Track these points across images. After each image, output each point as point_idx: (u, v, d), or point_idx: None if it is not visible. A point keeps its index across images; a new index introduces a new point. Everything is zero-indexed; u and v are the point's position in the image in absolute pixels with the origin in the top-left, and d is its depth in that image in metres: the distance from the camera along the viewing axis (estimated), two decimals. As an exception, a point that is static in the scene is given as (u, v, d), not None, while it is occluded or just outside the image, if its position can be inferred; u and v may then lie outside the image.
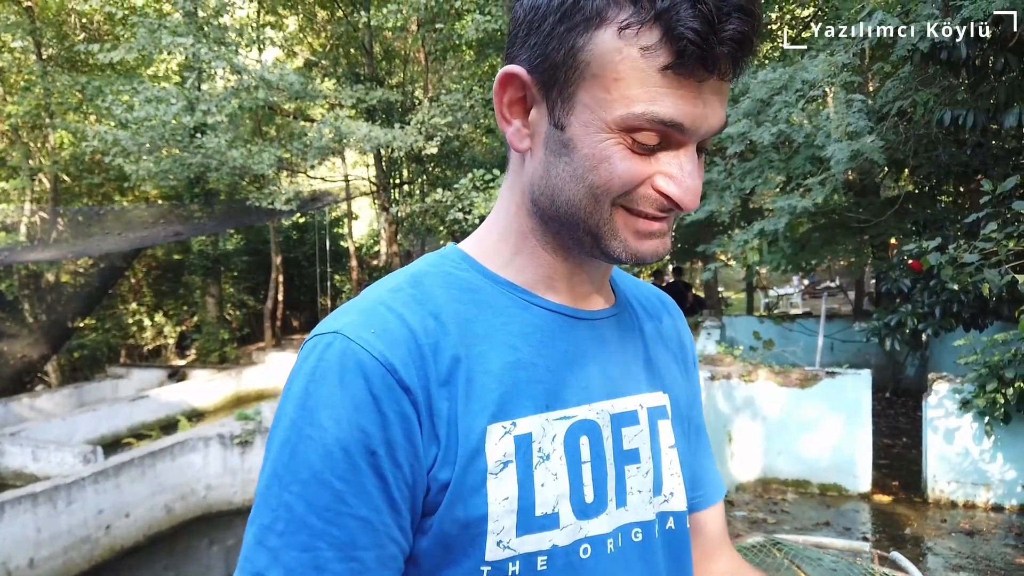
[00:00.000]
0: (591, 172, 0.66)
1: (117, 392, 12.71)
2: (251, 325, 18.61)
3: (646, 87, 0.62)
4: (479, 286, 0.74)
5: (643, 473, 0.78)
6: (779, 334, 10.13)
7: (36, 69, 14.46)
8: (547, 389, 0.72)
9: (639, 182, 0.66)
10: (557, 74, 0.66)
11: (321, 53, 16.88)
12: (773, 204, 6.90)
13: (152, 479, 7.13)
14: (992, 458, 5.90)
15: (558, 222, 0.72)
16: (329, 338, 0.67)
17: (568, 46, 0.65)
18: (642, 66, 0.62)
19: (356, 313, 0.69)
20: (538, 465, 0.69)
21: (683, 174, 0.66)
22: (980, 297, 5.81)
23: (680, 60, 0.61)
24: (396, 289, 0.72)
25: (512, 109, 0.72)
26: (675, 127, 0.63)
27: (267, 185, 12.42)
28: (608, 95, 0.64)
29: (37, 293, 14.38)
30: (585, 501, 0.72)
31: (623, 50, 0.62)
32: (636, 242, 0.69)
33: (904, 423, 8.44)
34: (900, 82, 6.99)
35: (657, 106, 0.62)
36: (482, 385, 0.69)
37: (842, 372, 6.42)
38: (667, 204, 0.67)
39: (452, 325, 0.70)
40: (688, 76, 0.62)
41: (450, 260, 0.77)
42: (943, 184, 8.77)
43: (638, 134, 0.64)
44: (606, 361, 0.78)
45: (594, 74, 0.64)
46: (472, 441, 0.67)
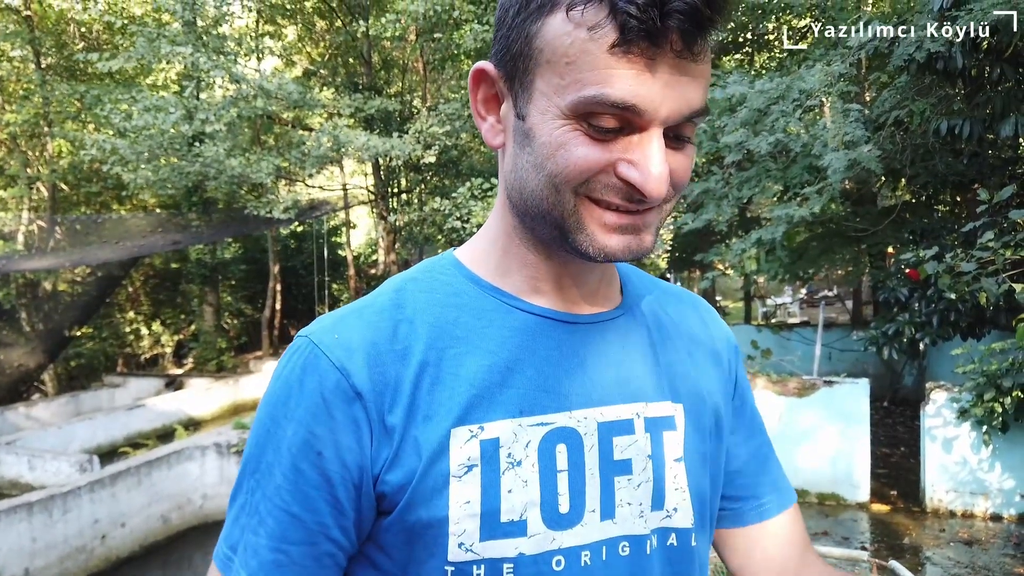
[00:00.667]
0: (548, 160, 0.64)
1: (114, 401, 12.67)
2: (249, 334, 18.57)
3: (596, 69, 0.60)
4: (463, 290, 0.74)
5: (635, 485, 0.74)
6: (777, 343, 10.13)
7: (35, 78, 14.48)
8: (522, 394, 0.70)
9: (598, 169, 0.63)
10: (517, 64, 0.65)
11: (320, 62, 16.92)
12: (770, 213, 6.91)
13: (148, 488, 7.10)
14: (990, 467, 5.89)
15: (530, 216, 0.70)
16: (299, 342, 0.72)
17: (524, 35, 0.64)
18: (590, 47, 0.59)
19: (331, 319, 0.73)
20: (506, 471, 0.68)
21: (645, 159, 0.62)
22: (977, 306, 5.82)
23: (624, 37, 0.58)
24: (378, 294, 0.75)
25: (486, 106, 0.72)
26: (629, 109, 0.60)
27: (265, 194, 12.42)
28: (561, 80, 0.62)
29: (34, 302, 14.36)
30: (559, 511, 0.69)
31: (572, 33, 0.60)
32: (604, 236, 0.66)
33: (902, 432, 8.43)
34: (896, 92, 7.02)
35: (607, 88, 0.59)
36: (450, 388, 0.69)
37: (840, 381, 6.42)
38: (632, 193, 0.63)
39: (426, 329, 0.71)
40: (637, 54, 0.59)
41: (439, 266, 0.78)
42: (940, 193, 8.80)
43: (594, 119, 0.61)
44: (596, 367, 0.75)
45: (547, 60, 0.62)
46: (434, 444, 0.67)
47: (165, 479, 7.29)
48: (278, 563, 0.67)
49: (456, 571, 0.67)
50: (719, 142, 6.82)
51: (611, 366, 0.76)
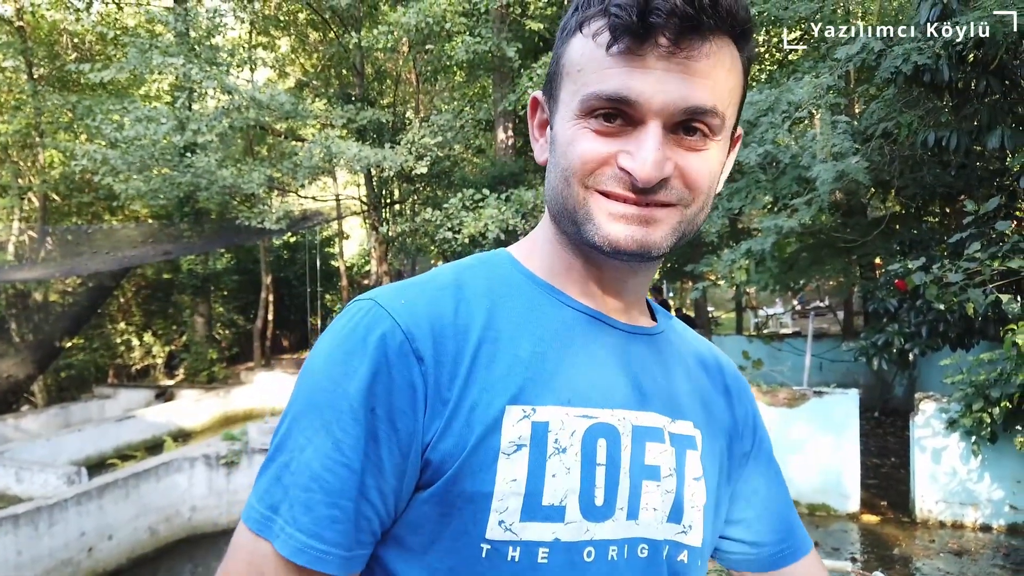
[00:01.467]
0: (562, 157, 0.72)
1: (103, 412, 12.59)
2: (240, 345, 18.50)
3: (598, 70, 0.67)
4: (518, 282, 0.78)
5: (662, 492, 0.76)
6: (768, 353, 10.14)
7: (27, 88, 14.47)
8: (571, 385, 0.73)
9: (601, 160, 0.69)
10: (552, 84, 0.75)
11: (312, 74, 16.96)
12: (761, 224, 6.94)
13: (136, 501, 7.04)
14: (979, 478, 5.91)
15: (556, 216, 0.76)
16: (363, 303, 0.73)
17: (556, 58, 0.74)
18: (594, 53, 0.68)
19: (396, 287, 0.75)
20: (552, 455, 0.70)
21: (639, 147, 0.67)
22: (966, 317, 5.85)
23: (614, 37, 0.65)
24: (437, 274, 0.78)
25: (539, 130, 0.81)
26: (622, 101, 0.67)
27: (257, 204, 12.41)
28: (574, 86, 0.70)
29: (24, 312, 14.28)
30: (595, 503, 0.71)
31: (584, 44, 0.69)
32: (609, 224, 0.70)
33: (892, 443, 8.44)
34: (884, 104, 7.07)
35: (603, 84, 0.67)
36: (507, 367, 0.71)
37: (830, 392, 6.43)
38: (632, 181, 0.68)
39: (484, 311, 0.74)
40: (627, 52, 0.66)
41: (495, 259, 0.82)
42: (928, 204, 8.85)
43: (597, 115, 0.68)
44: (636, 374, 0.79)
45: (567, 72, 0.71)
46: (489, 419, 0.68)
47: (153, 491, 7.24)
48: (334, 519, 0.66)
49: (491, 551, 0.68)
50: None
51: (648, 376, 0.80)
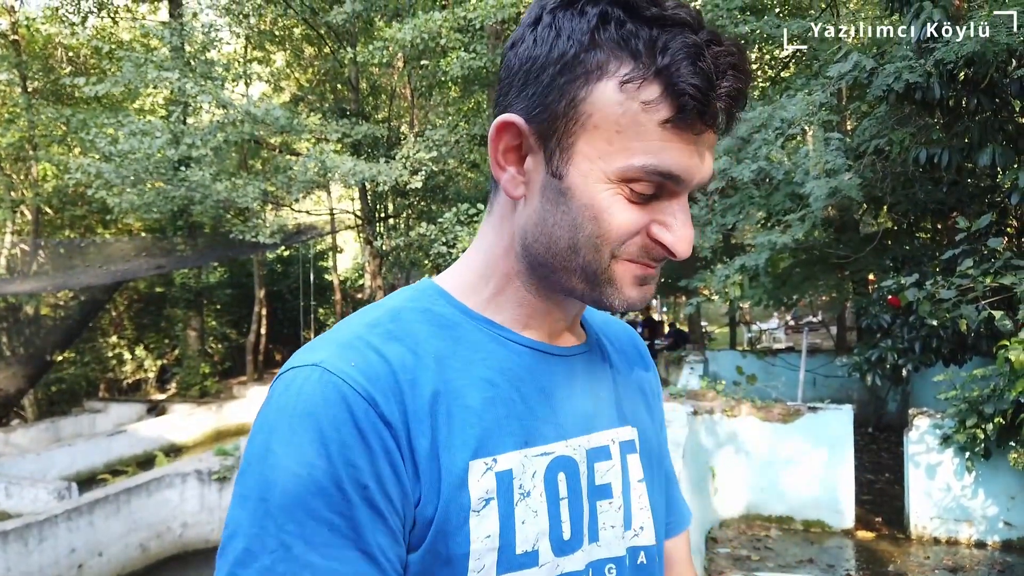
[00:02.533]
0: (591, 222, 0.67)
1: (94, 427, 12.50)
2: (233, 359, 18.43)
3: (647, 140, 0.64)
4: (456, 322, 0.74)
5: (615, 508, 0.77)
6: (762, 369, 10.15)
7: (21, 101, 14.46)
8: (525, 425, 0.71)
9: (636, 231, 0.68)
10: (557, 124, 0.67)
11: (308, 88, 17.00)
12: (754, 239, 6.97)
13: (127, 516, 6.98)
14: (974, 494, 5.91)
15: (550, 268, 0.72)
16: (308, 371, 0.66)
17: (569, 98, 0.66)
18: (643, 120, 0.63)
19: (335, 346, 0.68)
20: (519, 502, 0.69)
21: (677, 223, 0.67)
22: (959, 333, 5.87)
23: (681, 115, 0.62)
24: (374, 324, 0.71)
25: (507, 156, 0.72)
26: (673, 179, 0.65)
27: (251, 218, 12.40)
28: (609, 147, 0.65)
29: (15, 326, 14.19)
30: (563, 538, 0.71)
31: (624, 103, 0.63)
32: (631, 290, 0.70)
33: (887, 458, 8.44)
34: (876, 121, 7.13)
35: (657, 159, 0.64)
36: (462, 420, 0.68)
37: (824, 407, 6.44)
38: (661, 252, 0.69)
39: (430, 360, 0.69)
40: (686, 130, 0.64)
41: (427, 295, 0.76)
42: (920, 221, 8.90)
43: (636, 184, 0.65)
44: (580, 396, 0.78)
45: (595, 125, 0.65)
46: (455, 477, 0.66)
47: (144, 507, 7.18)
48: None
49: None
50: None
51: (589, 395, 0.79)
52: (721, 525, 6.45)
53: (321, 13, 12.70)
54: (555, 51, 0.66)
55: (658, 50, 0.62)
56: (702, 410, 6.50)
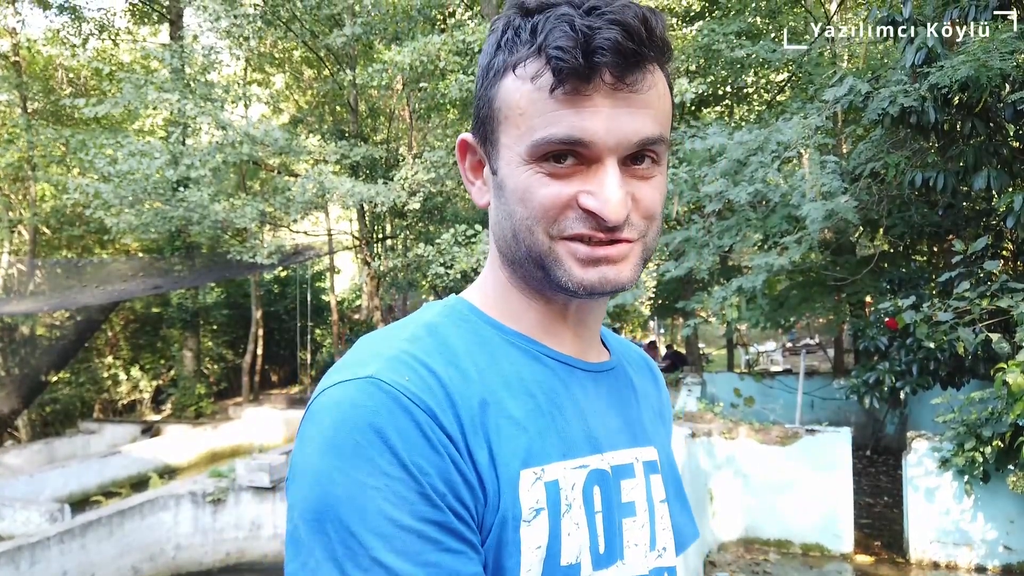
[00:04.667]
0: (519, 204, 0.70)
1: (89, 448, 12.41)
2: (229, 380, 18.34)
3: (543, 114, 0.66)
4: (489, 336, 0.75)
5: (639, 526, 0.78)
6: (760, 391, 10.13)
7: (21, 122, 14.51)
8: (564, 438, 0.72)
9: (563, 204, 0.68)
10: (486, 127, 0.72)
11: (307, 110, 17.09)
12: (751, 261, 6.98)
13: (120, 539, 6.91)
14: (973, 517, 5.87)
15: (514, 262, 0.74)
16: (363, 384, 0.64)
17: (487, 100, 0.71)
18: (535, 96, 0.66)
19: (384, 360, 0.67)
20: (564, 514, 0.69)
21: (601, 186, 0.67)
22: (956, 355, 5.87)
23: (558, 79, 0.64)
24: (414, 339, 0.71)
25: (473, 172, 0.78)
26: (577, 143, 0.66)
27: (249, 239, 12.41)
28: (518, 130, 0.68)
29: (11, 346, 14.14)
30: (599, 552, 0.71)
31: (520, 87, 0.68)
32: (580, 270, 0.69)
33: (885, 482, 8.40)
34: (872, 144, 7.18)
35: (553, 128, 0.65)
36: (510, 430, 0.68)
37: (822, 430, 6.41)
38: (596, 221, 0.67)
39: (473, 372, 0.69)
40: (574, 93, 0.65)
41: (459, 311, 0.77)
42: (916, 243, 8.94)
43: (549, 159, 0.67)
44: (607, 413, 0.79)
45: (506, 116, 0.69)
46: (509, 487, 0.66)
47: (137, 529, 7.11)
48: None
49: None
50: (700, 192, 6.92)
51: (615, 412, 0.81)
52: (719, 548, 6.39)
53: (321, 36, 12.80)
54: (480, 69, 0.73)
55: (538, 32, 0.66)
56: (700, 432, 6.48)
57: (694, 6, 12.96)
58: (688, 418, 6.80)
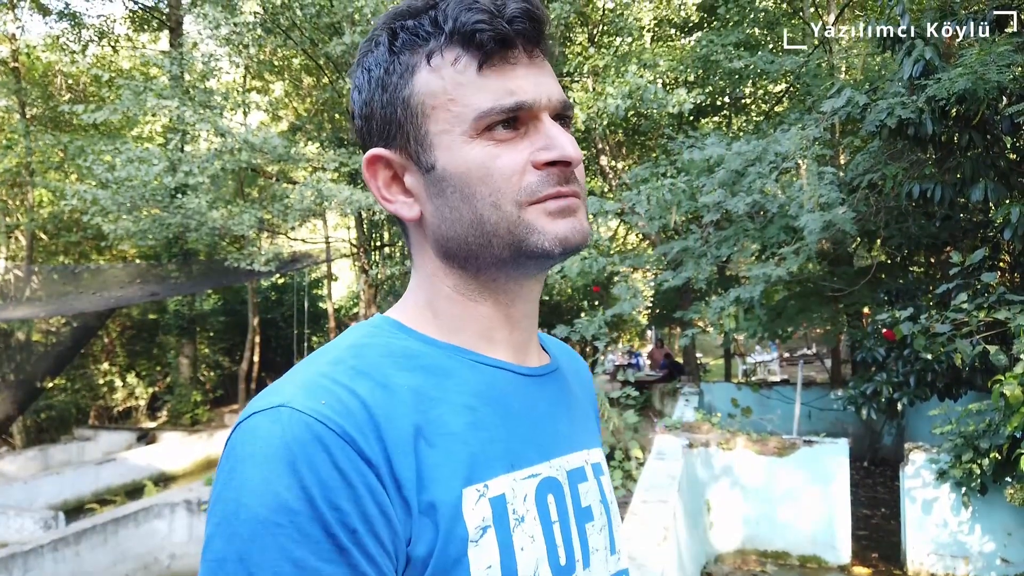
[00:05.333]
0: (479, 183, 0.69)
1: (83, 455, 12.37)
2: (225, 387, 18.29)
3: (477, 91, 0.68)
4: (421, 351, 0.71)
5: (598, 530, 0.77)
6: (757, 401, 10.12)
7: (19, 128, 14.51)
8: (510, 448, 0.69)
9: (521, 169, 0.69)
10: (405, 130, 0.71)
11: (306, 117, 17.09)
12: (749, 272, 6.99)
13: (114, 547, 6.87)
14: (970, 530, 5.86)
15: (473, 255, 0.72)
16: (275, 413, 0.61)
17: (399, 102, 0.71)
18: (461, 78, 0.68)
19: (299, 387, 0.64)
20: (515, 528, 0.66)
21: (551, 137, 0.69)
22: (954, 367, 5.87)
23: (486, 55, 0.68)
24: (336, 361, 0.67)
25: (390, 189, 0.75)
26: (519, 107, 0.68)
27: (247, 246, 12.40)
28: (451, 113, 0.69)
29: (6, 352, 14.10)
30: (559, 563, 0.69)
31: (440, 75, 0.69)
32: (553, 224, 0.70)
33: (883, 493, 8.39)
34: (869, 156, 7.20)
35: (493, 98, 0.68)
36: (447, 449, 0.65)
37: (820, 441, 6.41)
38: (556, 171, 0.70)
39: (403, 392, 0.66)
40: (501, 64, 0.68)
41: (385, 330, 0.74)
42: (914, 255, 8.95)
43: (496, 130, 0.69)
44: (553, 417, 0.77)
45: (432, 106, 0.70)
46: (448, 508, 0.63)
47: (132, 537, 7.07)
48: None
49: None
50: (698, 202, 6.93)
51: (561, 416, 0.79)
52: (716, 559, 6.38)
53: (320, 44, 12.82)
54: (372, 82, 0.73)
55: (441, 20, 0.69)
56: (697, 443, 6.47)
57: (693, 17, 13.01)
58: (686, 428, 6.79)
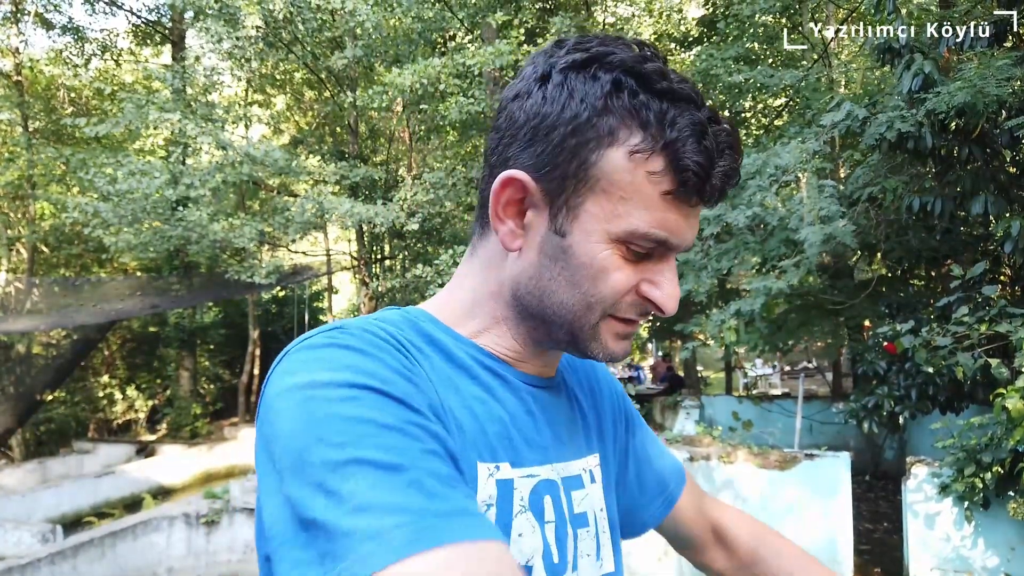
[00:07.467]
0: (589, 281, 0.70)
1: (82, 468, 12.32)
2: (225, 400, 18.23)
3: (649, 209, 0.67)
4: (446, 343, 0.75)
5: (591, 536, 0.80)
6: (758, 414, 10.09)
7: (21, 141, 14.56)
8: (514, 445, 0.73)
9: (628, 290, 0.71)
10: (566, 184, 0.69)
11: (307, 131, 17.17)
12: (749, 285, 6.99)
13: (112, 561, 6.83)
14: (973, 544, 5.82)
15: (539, 319, 0.75)
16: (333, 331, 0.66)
17: (580, 160, 0.67)
18: (647, 189, 0.66)
19: (354, 322, 0.69)
20: (518, 514, 0.70)
21: (666, 281, 0.71)
22: (955, 380, 5.85)
23: (683, 189, 0.66)
24: (377, 318, 0.73)
25: (507, 209, 0.73)
26: (666, 244, 0.69)
27: (248, 258, 12.41)
28: (614, 210, 0.67)
29: (6, 364, 14.08)
30: (552, 561, 0.72)
31: (632, 171, 0.66)
32: (614, 344, 0.74)
33: (884, 507, 8.34)
34: (869, 169, 7.21)
35: (657, 226, 0.68)
36: (467, 424, 0.69)
37: (821, 454, 6.38)
38: (649, 309, 0.72)
39: (430, 366, 0.70)
40: (683, 202, 0.68)
41: (418, 316, 0.78)
42: (915, 268, 8.94)
43: (632, 246, 0.69)
44: (555, 425, 0.80)
45: (603, 189, 0.67)
46: (467, 469, 0.67)
47: (130, 551, 7.03)
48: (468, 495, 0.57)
49: None
50: None
51: (562, 425, 0.82)
52: (718, 575, 6.33)
53: (322, 58, 12.89)
54: (567, 112, 0.67)
55: (667, 124, 0.65)
56: (698, 456, 6.44)
57: (692, 32, 13.08)
58: (686, 442, 6.76)
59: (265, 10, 10.53)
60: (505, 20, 10.61)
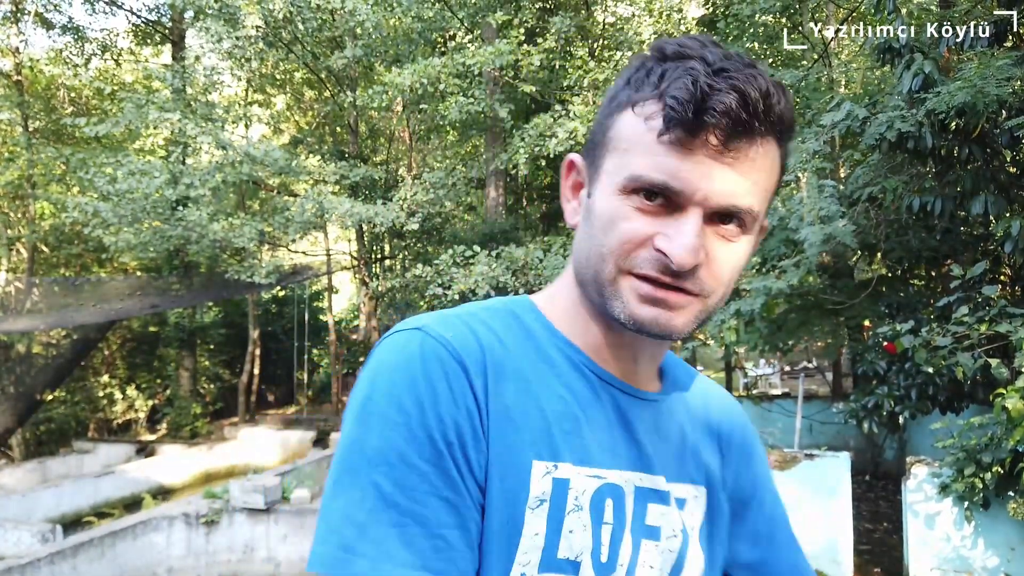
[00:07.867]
0: (601, 232, 0.72)
1: (82, 467, 12.33)
2: (225, 399, 18.24)
3: (646, 154, 0.68)
4: (539, 336, 0.79)
5: (660, 552, 0.79)
6: (758, 414, 10.09)
7: (21, 140, 14.56)
8: (584, 445, 0.75)
9: (640, 241, 0.70)
10: (596, 152, 0.75)
11: (307, 131, 17.18)
12: (749, 285, 6.98)
13: (111, 560, 6.83)
14: (973, 544, 5.82)
15: (584, 284, 0.77)
16: (410, 334, 0.73)
17: (603, 128, 0.74)
18: (644, 136, 0.69)
19: (436, 318, 0.76)
20: (570, 512, 0.72)
21: (678, 231, 0.68)
22: (955, 380, 5.84)
23: (666, 126, 0.67)
24: (471, 314, 0.78)
25: (572, 191, 0.82)
26: (667, 189, 0.68)
27: (248, 258, 12.41)
28: (620, 161, 0.71)
29: (6, 364, 14.08)
30: (601, 560, 0.73)
31: (634, 124, 0.70)
32: (636, 305, 0.72)
33: (884, 507, 8.34)
34: (870, 169, 7.20)
35: (650, 168, 0.68)
36: (532, 421, 0.72)
37: (821, 455, 6.38)
38: (665, 263, 0.69)
39: (513, 356, 0.75)
40: (677, 143, 0.67)
41: (521, 306, 0.83)
42: (915, 268, 8.94)
43: (640, 195, 0.69)
44: (641, 438, 0.80)
45: (615, 146, 0.72)
46: (518, 468, 0.70)
47: (129, 551, 7.03)
48: (438, 548, 0.66)
49: None
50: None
51: (652, 441, 0.82)
52: (718, 575, 6.33)
53: (322, 58, 12.89)
54: (606, 99, 0.76)
55: (664, 78, 0.69)
56: (698, 456, 6.43)
57: (693, 32, 13.08)
58: (686, 442, 6.76)
59: (265, 10, 10.53)
60: (505, 20, 10.62)
